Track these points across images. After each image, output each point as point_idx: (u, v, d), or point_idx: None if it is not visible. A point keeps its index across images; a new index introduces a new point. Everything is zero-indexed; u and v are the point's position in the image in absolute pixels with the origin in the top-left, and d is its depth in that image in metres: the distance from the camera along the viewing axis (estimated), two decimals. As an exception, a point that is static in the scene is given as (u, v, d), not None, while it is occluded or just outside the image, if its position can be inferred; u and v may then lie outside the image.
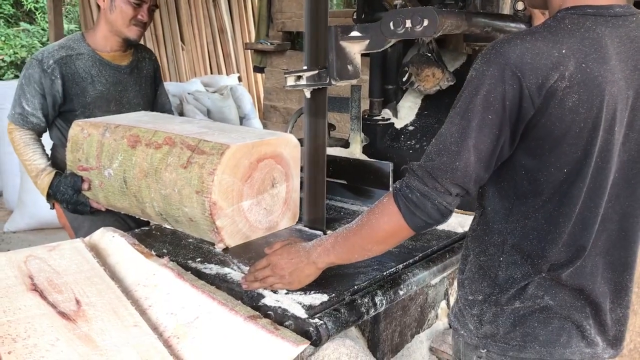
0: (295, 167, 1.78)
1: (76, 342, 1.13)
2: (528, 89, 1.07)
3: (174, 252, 1.64)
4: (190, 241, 1.73)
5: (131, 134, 1.77)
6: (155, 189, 1.69)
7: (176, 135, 1.68)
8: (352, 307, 1.35)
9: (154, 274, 1.41)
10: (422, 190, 1.15)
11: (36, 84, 2.13)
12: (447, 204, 1.15)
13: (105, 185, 1.86)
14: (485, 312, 1.24)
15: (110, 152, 1.81)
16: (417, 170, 1.16)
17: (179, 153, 1.63)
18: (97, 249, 1.55)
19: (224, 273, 1.50)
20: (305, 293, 1.38)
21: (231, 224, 1.61)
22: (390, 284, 1.47)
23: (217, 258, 1.60)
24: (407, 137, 2.23)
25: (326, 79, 1.66)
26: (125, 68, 2.30)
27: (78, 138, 1.91)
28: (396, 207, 1.18)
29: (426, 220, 1.17)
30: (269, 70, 4.13)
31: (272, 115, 4.10)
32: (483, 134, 1.10)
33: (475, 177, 1.13)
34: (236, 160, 1.58)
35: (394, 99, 2.33)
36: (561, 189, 1.14)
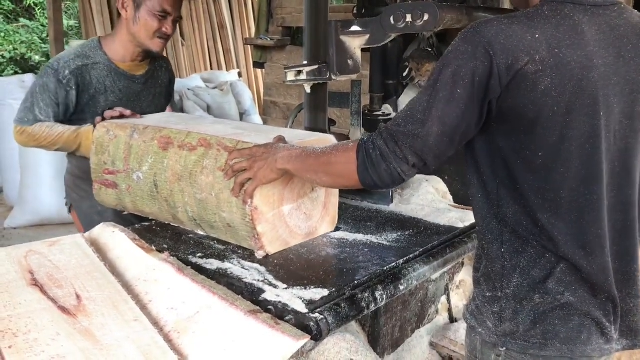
0: None
1: (77, 337, 1.13)
2: (498, 67, 1.10)
3: (174, 248, 1.64)
4: (191, 237, 1.73)
5: (162, 136, 1.69)
6: (189, 193, 1.61)
7: (211, 137, 1.60)
8: (353, 302, 1.35)
9: (154, 269, 1.41)
10: (382, 151, 1.19)
11: (51, 93, 2.08)
12: (402, 172, 1.19)
13: (134, 189, 1.76)
14: (505, 309, 1.22)
15: (139, 155, 1.72)
16: (383, 132, 1.21)
17: (216, 155, 1.56)
18: (97, 244, 1.55)
19: (225, 268, 1.50)
20: (306, 288, 1.38)
21: (272, 230, 1.54)
22: (390, 278, 1.47)
23: (218, 253, 1.60)
24: (408, 132, 2.23)
25: (326, 74, 1.66)
26: (140, 78, 2.26)
27: (103, 140, 1.82)
28: (355, 157, 1.23)
29: (375, 181, 1.22)
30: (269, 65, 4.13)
31: (272, 111, 4.09)
32: (450, 107, 1.13)
33: (436, 149, 1.16)
34: None
35: (394, 94, 2.33)
36: (539, 175, 1.15)
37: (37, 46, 8.33)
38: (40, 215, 4.44)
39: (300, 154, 1.37)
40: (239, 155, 1.50)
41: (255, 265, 1.52)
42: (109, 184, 1.83)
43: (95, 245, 1.53)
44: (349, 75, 1.67)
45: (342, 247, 1.64)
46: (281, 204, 1.55)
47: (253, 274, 1.46)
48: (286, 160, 1.39)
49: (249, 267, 1.51)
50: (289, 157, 1.39)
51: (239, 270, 1.49)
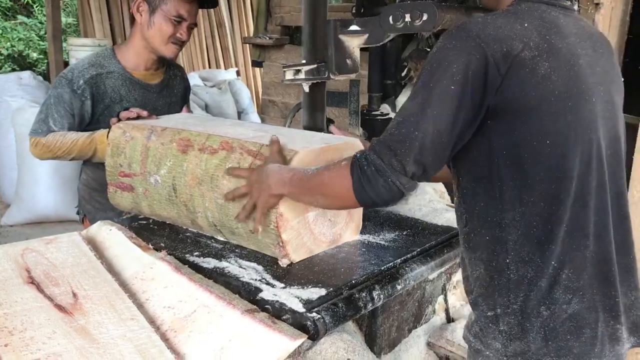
0: None
1: (73, 335, 1.13)
2: (493, 57, 1.08)
3: (171, 246, 1.63)
4: (188, 235, 1.73)
5: (181, 138, 1.64)
6: (210, 197, 1.56)
7: (233, 140, 1.55)
8: (350, 302, 1.35)
9: (151, 267, 1.41)
10: (377, 165, 1.14)
11: (66, 104, 2.05)
12: (401, 185, 1.14)
13: (151, 192, 1.71)
14: (513, 326, 1.16)
15: (157, 157, 1.67)
16: (376, 145, 1.16)
17: (239, 159, 1.51)
18: (94, 242, 1.54)
19: (222, 267, 1.50)
20: (303, 287, 1.38)
21: (296, 237, 1.49)
22: (388, 278, 1.47)
23: (215, 252, 1.60)
24: (406, 132, 2.23)
25: (325, 73, 1.65)
26: (155, 87, 2.24)
27: (119, 142, 1.77)
28: (349, 175, 1.18)
29: (373, 198, 1.17)
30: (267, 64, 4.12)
31: (270, 109, 4.09)
32: (444, 105, 1.10)
33: (433, 151, 1.12)
34: (302, 164, 1.44)
35: (392, 94, 2.33)
36: (550, 164, 1.12)
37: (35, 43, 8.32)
38: (37, 212, 4.43)
39: (292, 177, 1.33)
40: (235, 174, 1.48)
41: (253, 264, 1.51)
42: (124, 187, 1.79)
43: (92, 243, 1.53)
44: (347, 74, 1.67)
45: (340, 246, 1.64)
46: (306, 210, 1.51)
47: (250, 273, 1.46)
48: (280, 185, 1.35)
49: (246, 266, 1.51)
50: (281, 181, 1.34)
51: (236, 269, 1.48)
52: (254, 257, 1.56)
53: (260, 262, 1.52)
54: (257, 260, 1.54)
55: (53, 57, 5.29)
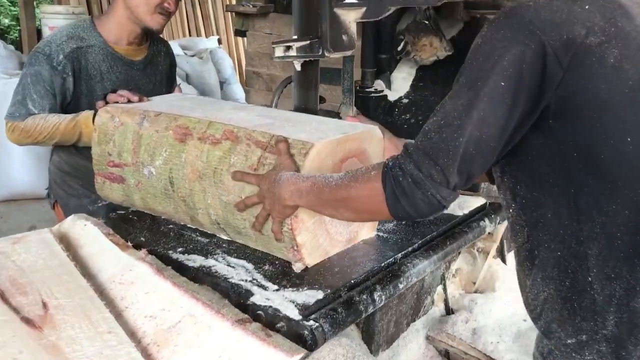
0: (377, 160, 1.44)
1: (42, 355, 1.00)
2: (551, 46, 0.93)
3: (153, 241, 1.50)
4: (171, 227, 1.59)
5: (178, 125, 1.47)
6: (213, 194, 1.40)
7: (238, 128, 1.38)
8: (350, 305, 1.24)
9: (130, 269, 1.28)
10: (414, 176, 1.00)
11: (46, 82, 1.85)
12: (441, 198, 1.00)
13: (144, 185, 1.54)
14: (604, 356, 1.01)
15: (151, 147, 1.50)
16: (412, 152, 1.01)
17: (246, 151, 1.34)
18: (67, 240, 1.40)
19: (209, 265, 1.38)
20: (299, 289, 1.27)
21: (312, 239, 1.33)
22: (389, 277, 1.36)
23: (201, 247, 1.47)
24: (401, 110, 2.10)
25: (318, 50, 1.51)
26: (139, 64, 2.05)
27: (107, 128, 1.59)
28: (381, 186, 1.04)
29: (410, 213, 1.03)
30: (250, 34, 3.94)
31: (255, 82, 3.92)
32: (493, 104, 0.96)
33: (479, 158, 0.99)
34: (320, 161, 1.29)
35: (387, 70, 2.19)
36: (636, 164, 0.97)
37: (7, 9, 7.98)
38: (11, 189, 4.26)
39: (311, 188, 1.16)
40: (243, 180, 1.32)
41: (242, 262, 1.39)
42: (114, 178, 1.61)
43: (64, 241, 1.39)
44: (343, 51, 1.52)
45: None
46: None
47: (240, 273, 1.34)
48: (295, 195, 1.19)
49: (235, 264, 1.38)
50: (297, 192, 1.19)
51: (224, 268, 1.36)
52: (242, 253, 1.44)
53: (250, 259, 1.40)
54: (246, 256, 1.42)
55: (25, 25, 5.03)
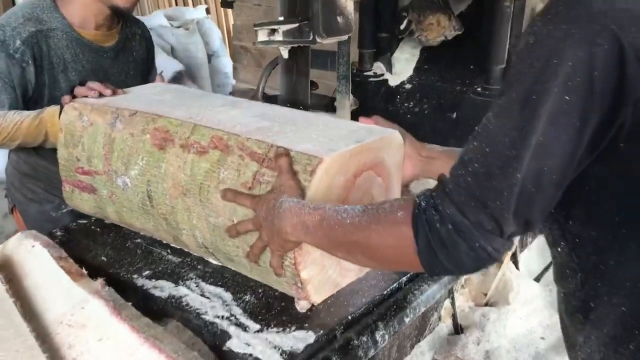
0: (397, 175, 1.22)
1: None
2: (633, 47, 0.70)
3: (115, 262, 1.28)
4: (138, 242, 1.37)
5: (157, 128, 1.23)
6: (199, 214, 1.17)
7: (229, 135, 1.14)
8: (347, 351, 1.03)
9: (82, 306, 1.06)
10: (457, 223, 0.76)
11: (2, 74, 1.58)
12: (493, 250, 0.77)
13: (118, 198, 1.32)
14: None
15: (125, 153, 1.28)
16: (452, 191, 0.78)
17: (238, 165, 1.10)
18: (10, 265, 1.18)
19: (179, 295, 1.16)
20: (285, 330, 1.05)
21: (320, 272, 1.09)
22: (393, 310, 1.15)
23: (171, 270, 1.25)
24: (404, 97, 1.86)
25: (309, 34, 1.27)
26: (110, 51, 1.77)
27: (75, 128, 1.36)
28: (412, 234, 0.80)
29: (449, 268, 0.80)
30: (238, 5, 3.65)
31: (243, 57, 3.65)
32: (557, 126, 0.73)
33: (542, 198, 0.76)
34: (330, 180, 1.04)
35: (387, 51, 1.94)
36: None
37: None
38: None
39: (319, 224, 0.92)
40: (234, 200, 1.08)
41: (219, 291, 1.18)
42: (84, 187, 1.38)
43: (7, 267, 1.17)
44: (338, 36, 1.29)
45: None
46: None
47: (216, 306, 1.13)
48: (300, 231, 0.95)
49: (210, 293, 1.17)
50: (302, 226, 0.95)
51: (197, 300, 1.15)
52: (220, 277, 1.22)
53: (228, 287, 1.19)
54: (224, 283, 1.20)
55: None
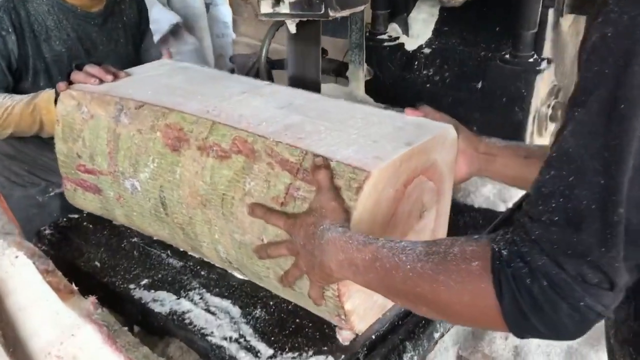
0: (450, 176, 1.06)
1: None
2: None
3: (110, 267, 1.16)
4: (135, 241, 1.24)
5: (168, 125, 1.07)
6: (222, 228, 1.02)
7: (254, 137, 0.97)
8: (372, 381, 0.92)
9: (73, 333, 0.94)
10: (554, 278, 0.60)
11: None
12: (604, 308, 0.60)
13: (127, 201, 1.17)
14: None
15: (132, 152, 1.11)
16: (541, 237, 0.61)
17: (267, 174, 0.94)
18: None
19: (182, 311, 1.04)
20: (301, 355, 0.94)
21: (365, 300, 0.95)
22: (421, 325, 1.03)
23: (172, 277, 1.13)
24: (423, 63, 1.69)
25: (320, 7, 1.10)
26: (96, 17, 1.58)
27: (74, 120, 1.19)
28: (492, 291, 0.64)
29: (545, 332, 0.63)
30: (236, -50, 3.42)
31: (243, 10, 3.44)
32: None
33: None
34: (378, 194, 0.89)
35: (404, 11, 1.75)
36: None
37: None
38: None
39: (371, 265, 0.75)
40: (264, 218, 0.93)
41: (226, 304, 1.06)
42: (88, 187, 1.23)
43: (-12, 283, 1.04)
44: (353, 8, 1.11)
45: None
46: None
47: (223, 325, 1.01)
48: (346, 269, 0.79)
49: (216, 307, 1.05)
50: (350, 265, 0.78)
51: (202, 316, 1.03)
52: (226, 286, 1.10)
53: (236, 299, 1.07)
54: (230, 293, 1.08)
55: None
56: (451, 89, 1.65)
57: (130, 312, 1.11)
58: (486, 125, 1.63)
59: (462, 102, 1.64)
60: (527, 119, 1.54)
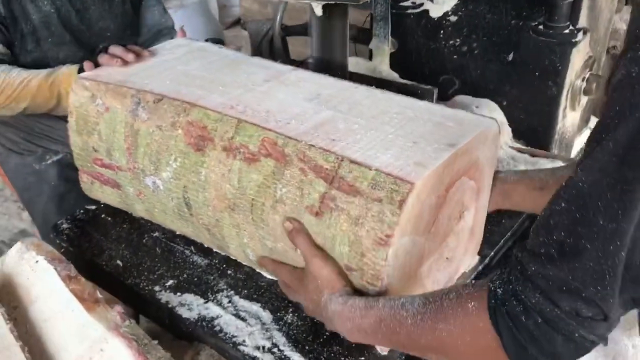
0: (490, 171, 1.01)
1: None
2: None
3: (133, 267, 1.12)
4: (156, 235, 1.20)
5: (190, 122, 1.00)
6: (251, 233, 0.98)
7: (284, 140, 0.91)
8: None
9: (101, 348, 0.91)
10: (547, 314, 0.61)
11: None
12: (597, 337, 0.62)
13: (148, 198, 1.12)
14: None
15: (153, 149, 1.05)
16: (534, 275, 0.62)
17: (300, 181, 0.88)
18: (14, 288, 1.02)
19: (210, 317, 1.01)
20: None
21: None
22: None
23: (198, 278, 1.09)
24: (449, 32, 1.59)
25: (350, -11, 1.01)
26: None
27: (88, 113, 1.12)
28: (491, 329, 0.65)
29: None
30: None
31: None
32: None
33: None
34: (421, 205, 0.84)
35: (429, -26, 1.64)
36: None
37: None
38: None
39: (377, 327, 0.78)
40: (272, 269, 1.00)
41: (256, 309, 1.02)
42: (105, 181, 1.18)
43: (10, 292, 1.01)
44: (386, -11, 1.02)
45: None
46: (420, 264, 0.92)
47: (254, 332, 0.98)
48: (357, 335, 0.84)
49: (246, 311, 1.02)
50: (358, 331, 0.82)
51: (232, 323, 1.00)
52: (254, 287, 1.06)
53: (265, 303, 1.03)
54: (259, 295, 1.05)
55: None
56: (480, 60, 1.56)
57: (157, 316, 1.08)
58: (517, 100, 1.55)
59: (492, 75, 1.56)
60: (561, 93, 1.46)
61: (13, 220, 2.71)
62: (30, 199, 1.59)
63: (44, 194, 1.54)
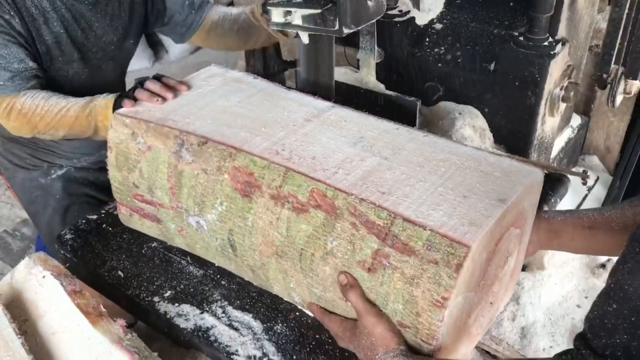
0: (532, 213, 1.04)
1: None
2: None
3: (133, 278, 1.20)
4: (154, 246, 1.28)
5: (237, 168, 1.01)
6: (299, 280, 1.00)
7: (334, 192, 0.92)
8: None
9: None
10: None
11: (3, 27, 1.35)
12: None
13: (191, 235, 1.14)
14: None
15: (198, 192, 1.07)
16: None
17: (351, 236, 0.90)
18: (23, 303, 1.09)
19: (206, 327, 1.09)
20: (325, 376, 1.00)
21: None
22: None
23: (194, 289, 1.17)
24: (434, 40, 1.64)
25: (334, 23, 1.07)
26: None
27: (129, 150, 1.14)
28: None
29: None
30: None
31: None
32: None
33: None
34: (474, 265, 0.86)
35: (415, -18, 1.69)
36: None
37: None
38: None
39: None
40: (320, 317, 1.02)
41: (248, 319, 1.11)
42: (145, 215, 1.20)
43: (18, 305, 1.09)
44: (367, 21, 1.08)
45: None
46: (469, 316, 0.95)
47: (246, 343, 1.06)
48: None
49: (239, 322, 1.10)
50: None
51: (225, 332, 1.08)
52: (247, 298, 1.15)
53: (257, 313, 1.11)
54: (251, 306, 1.13)
55: None
56: (463, 70, 1.62)
57: (157, 325, 1.16)
58: (498, 107, 1.62)
59: (474, 83, 1.62)
60: (540, 102, 1.53)
61: (15, 210, 2.78)
62: (36, 212, 1.65)
63: (49, 207, 1.61)
